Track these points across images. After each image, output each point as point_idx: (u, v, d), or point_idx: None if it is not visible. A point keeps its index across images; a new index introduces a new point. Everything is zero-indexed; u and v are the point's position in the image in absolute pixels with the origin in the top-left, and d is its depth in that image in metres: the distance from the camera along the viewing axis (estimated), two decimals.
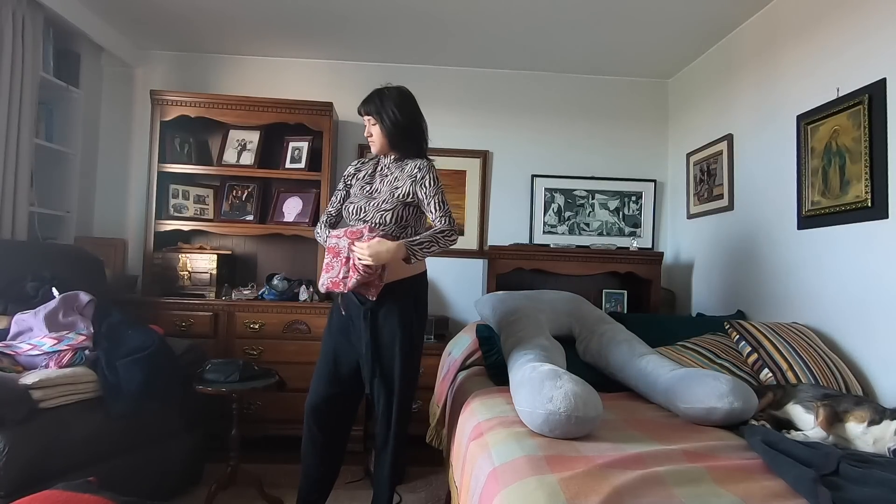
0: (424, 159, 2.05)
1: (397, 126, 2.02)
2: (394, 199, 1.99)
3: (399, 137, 2.04)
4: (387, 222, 1.97)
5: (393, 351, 1.97)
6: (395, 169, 2.07)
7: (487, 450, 1.52)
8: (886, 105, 2.02)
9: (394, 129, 2.02)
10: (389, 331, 1.97)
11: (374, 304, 1.96)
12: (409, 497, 2.52)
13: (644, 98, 3.78)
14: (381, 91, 2.06)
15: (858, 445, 1.56)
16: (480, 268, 3.62)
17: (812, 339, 2.20)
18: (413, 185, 1.99)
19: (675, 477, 1.24)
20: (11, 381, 1.87)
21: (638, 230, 3.72)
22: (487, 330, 2.54)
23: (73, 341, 2.19)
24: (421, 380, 3.06)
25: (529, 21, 3.00)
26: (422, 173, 2.00)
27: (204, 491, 2.39)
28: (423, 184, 1.99)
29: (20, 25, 2.63)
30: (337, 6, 2.93)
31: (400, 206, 1.98)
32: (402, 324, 1.97)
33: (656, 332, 2.45)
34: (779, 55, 2.65)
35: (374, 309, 1.97)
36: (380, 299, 1.95)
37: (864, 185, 2.09)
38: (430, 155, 2.11)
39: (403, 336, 1.97)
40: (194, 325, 3.04)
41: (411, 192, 1.99)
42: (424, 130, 2.10)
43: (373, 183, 2.11)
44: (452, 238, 1.96)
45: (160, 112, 3.24)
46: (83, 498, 1.34)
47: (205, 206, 3.43)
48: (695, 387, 1.76)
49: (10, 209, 2.63)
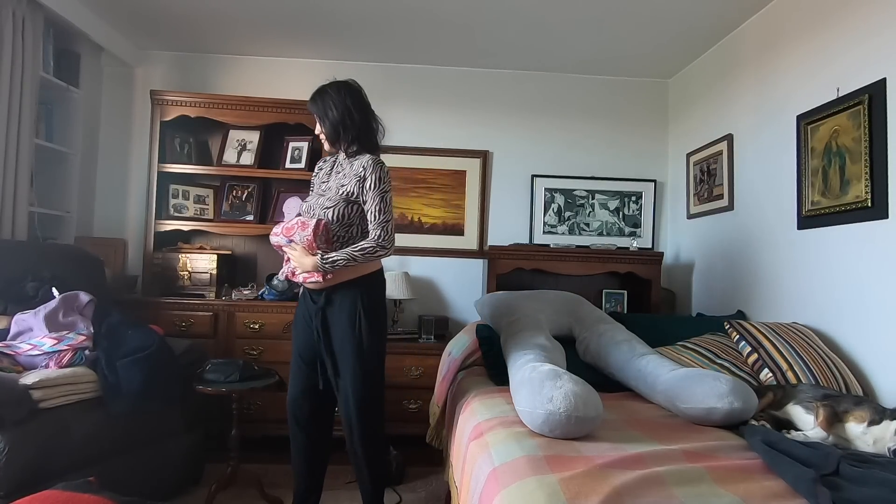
0: (373, 157, 1.98)
1: (336, 123, 1.98)
2: (336, 197, 1.96)
3: (340, 134, 1.99)
4: (330, 219, 1.95)
5: (344, 351, 1.96)
6: (346, 166, 2.04)
7: (487, 450, 1.52)
8: (886, 105, 2.02)
9: (332, 126, 1.98)
10: (339, 331, 1.96)
11: (325, 303, 1.96)
12: (409, 497, 2.52)
13: (644, 98, 3.78)
14: (323, 88, 2.02)
15: (858, 445, 1.56)
16: (480, 268, 3.62)
17: (812, 339, 2.20)
18: (358, 184, 1.95)
19: (675, 477, 1.24)
20: (11, 381, 1.87)
21: (638, 230, 3.72)
22: (487, 330, 2.54)
23: (73, 341, 2.19)
24: (421, 380, 3.12)
25: (529, 21, 3.00)
26: (366, 172, 1.94)
27: (204, 491, 2.39)
28: (365, 185, 1.94)
29: (20, 25, 2.63)
30: (336, 6, 2.93)
31: (342, 203, 1.95)
32: (351, 324, 1.94)
33: (656, 332, 2.45)
34: (779, 55, 2.65)
35: (324, 308, 1.97)
36: (330, 299, 1.95)
37: (864, 185, 2.09)
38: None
39: (353, 336, 1.94)
40: (194, 325, 3.04)
41: (355, 190, 1.95)
42: (370, 125, 2.04)
43: (328, 181, 2.09)
44: (378, 255, 1.91)
45: (160, 112, 3.24)
46: (83, 498, 1.34)
47: (205, 206, 3.43)
48: (695, 387, 1.76)
49: (10, 209, 2.63)
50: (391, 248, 1.94)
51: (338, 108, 1.97)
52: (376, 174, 1.93)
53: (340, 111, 1.97)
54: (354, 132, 1.99)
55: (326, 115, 1.99)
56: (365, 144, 2.02)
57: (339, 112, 1.97)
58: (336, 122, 1.98)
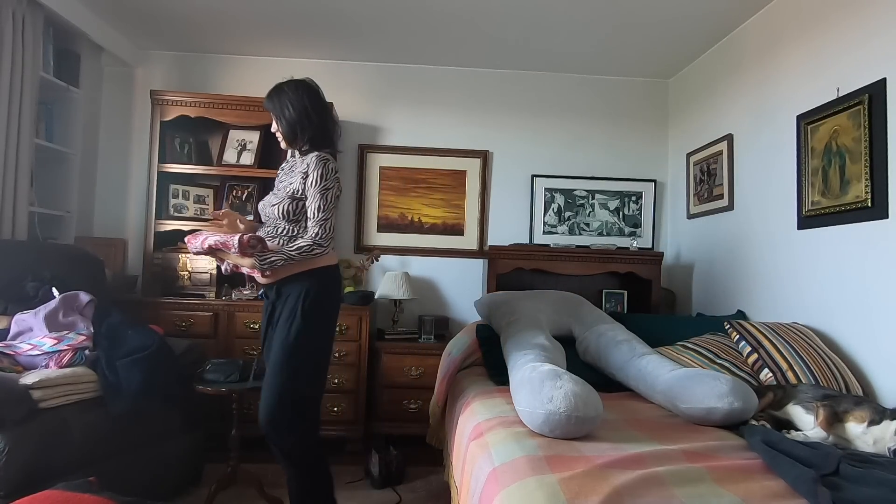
0: (320, 153, 1.93)
1: (293, 123, 1.95)
2: (282, 194, 1.95)
3: (297, 133, 1.96)
4: (276, 216, 1.94)
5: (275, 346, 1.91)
6: (299, 163, 2.02)
7: (487, 450, 1.52)
8: (886, 105, 2.02)
9: (289, 126, 1.96)
10: (280, 326, 1.91)
11: (276, 297, 1.94)
12: (409, 497, 2.52)
13: (644, 98, 3.78)
14: (280, 86, 1.99)
15: (858, 445, 1.56)
16: (480, 268, 3.62)
17: (812, 339, 2.20)
18: (302, 181, 1.91)
19: (675, 477, 1.24)
20: (11, 381, 1.86)
21: (638, 230, 3.72)
22: (487, 330, 2.55)
23: (73, 341, 2.19)
24: (421, 380, 3.12)
25: (529, 21, 3.00)
26: (310, 168, 1.90)
27: (204, 491, 2.39)
28: (307, 181, 1.89)
29: (20, 25, 2.63)
30: (337, 6, 2.92)
31: (287, 200, 1.92)
32: (288, 319, 1.89)
33: (656, 332, 2.45)
34: (779, 55, 2.65)
35: (275, 302, 1.95)
36: (280, 293, 1.93)
37: (864, 185, 2.09)
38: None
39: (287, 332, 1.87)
40: (194, 325, 3.03)
41: (300, 187, 1.91)
42: (327, 125, 2.00)
43: (284, 179, 2.07)
44: (316, 253, 1.87)
45: (160, 112, 3.24)
46: (83, 498, 1.33)
47: (205, 206, 3.43)
48: (695, 387, 1.76)
49: (10, 209, 2.63)
50: (328, 247, 1.90)
51: (295, 108, 1.94)
52: (318, 171, 1.88)
53: (298, 111, 1.94)
54: (311, 132, 1.96)
55: (283, 114, 1.96)
56: (319, 144, 1.98)
57: (297, 111, 1.94)
58: (293, 121, 1.95)
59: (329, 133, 2.02)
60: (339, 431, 3.08)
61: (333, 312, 2.01)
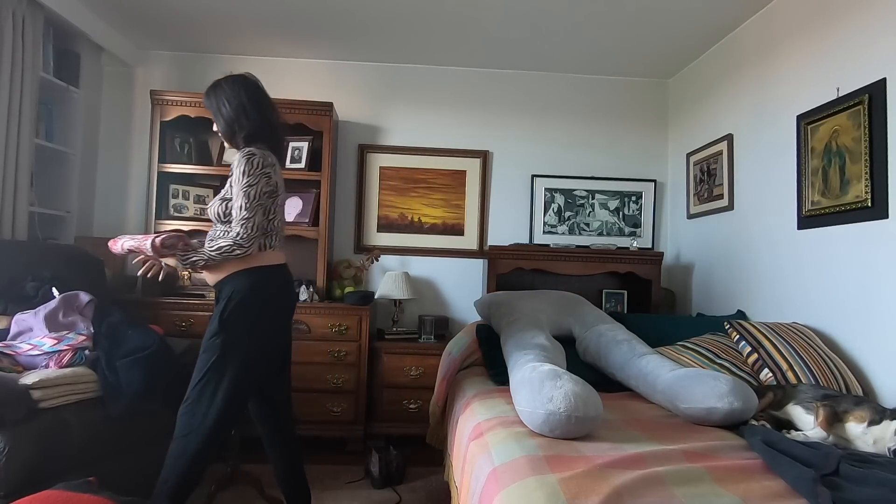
0: (249, 148, 1.83)
1: (230, 121, 1.88)
2: (216, 197, 1.92)
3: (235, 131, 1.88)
4: (212, 217, 1.91)
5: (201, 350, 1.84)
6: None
7: (487, 450, 1.52)
8: (886, 105, 2.02)
9: (226, 123, 1.89)
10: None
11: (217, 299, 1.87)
12: (409, 497, 2.52)
13: (644, 98, 3.78)
14: (217, 82, 1.92)
15: (858, 445, 1.56)
16: (480, 268, 3.62)
17: (812, 339, 2.20)
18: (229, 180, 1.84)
19: (675, 477, 1.24)
20: (11, 381, 1.86)
21: (638, 230, 3.72)
22: (487, 330, 2.55)
23: (73, 341, 2.19)
24: (421, 380, 3.12)
25: (529, 21, 3.00)
26: (234, 165, 1.81)
27: (204, 491, 2.38)
28: (233, 178, 1.80)
29: (20, 25, 2.63)
30: (337, 6, 2.93)
31: (218, 201, 1.88)
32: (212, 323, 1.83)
33: (656, 332, 2.45)
34: (779, 55, 2.65)
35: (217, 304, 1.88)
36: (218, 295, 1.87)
37: (864, 185, 2.09)
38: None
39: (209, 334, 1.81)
40: (194, 325, 3.03)
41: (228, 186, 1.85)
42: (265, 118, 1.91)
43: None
44: (236, 254, 1.77)
45: (160, 112, 3.24)
46: (83, 498, 1.34)
47: (205, 206, 3.43)
48: (695, 387, 1.76)
49: (10, 209, 2.63)
50: (249, 248, 1.78)
51: (231, 105, 1.87)
52: (241, 168, 1.78)
53: (234, 107, 1.87)
54: (249, 128, 1.87)
55: (220, 111, 1.88)
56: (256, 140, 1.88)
57: (233, 108, 1.87)
58: (230, 119, 1.87)
59: (269, 129, 1.92)
60: (339, 431, 3.08)
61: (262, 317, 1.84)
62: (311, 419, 3.04)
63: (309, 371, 3.05)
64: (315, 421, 3.04)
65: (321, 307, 3.11)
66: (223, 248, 1.77)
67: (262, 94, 1.95)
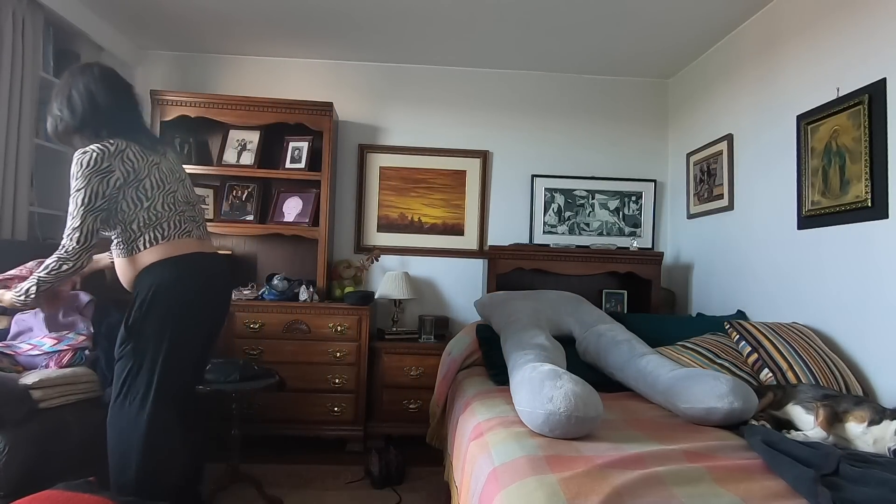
0: (85, 147, 1.66)
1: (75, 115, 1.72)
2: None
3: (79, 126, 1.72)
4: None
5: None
6: None
7: (487, 450, 1.52)
8: (886, 105, 2.02)
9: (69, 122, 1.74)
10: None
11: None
12: (409, 497, 2.52)
13: (644, 98, 3.78)
14: (63, 77, 1.78)
15: (858, 445, 1.56)
16: (480, 268, 3.62)
17: (812, 339, 2.20)
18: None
19: (675, 477, 1.24)
20: (11, 381, 1.87)
21: (638, 230, 3.72)
22: (487, 330, 2.55)
23: (73, 341, 2.19)
24: (421, 380, 3.12)
25: (530, 21, 3.00)
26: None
27: (204, 491, 2.38)
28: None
29: (20, 25, 2.63)
30: (337, 6, 2.92)
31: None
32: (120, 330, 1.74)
33: (656, 332, 2.45)
34: (779, 55, 2.65)
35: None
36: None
37: (864, 185, 2.09)
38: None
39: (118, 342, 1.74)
40: None
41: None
42: (104, 111, 1.73)
43: None
44: (64, 270, 1.63)
45: (160, 112, 3.24)
46: (83, 498, 1.34)
47: (204, 206, 3.43)
48: (695, 387, 1.76)
49: (10, 209, 2.63)
50: (77, 260, 1.63)
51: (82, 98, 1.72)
52: (72, 169, 1.62)
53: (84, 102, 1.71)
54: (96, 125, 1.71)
55: (63, 111, 1.72)
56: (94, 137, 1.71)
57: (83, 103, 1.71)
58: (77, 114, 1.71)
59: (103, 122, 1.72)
60: (339, 431, 3.08)
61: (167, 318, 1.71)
62: (312, 419, 3.04)
63: (309, 371, 3.05)
64: (315, 421, 3.04)
65: (321, 307, 3.11)
66: (50, 266, 1.63)
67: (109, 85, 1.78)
